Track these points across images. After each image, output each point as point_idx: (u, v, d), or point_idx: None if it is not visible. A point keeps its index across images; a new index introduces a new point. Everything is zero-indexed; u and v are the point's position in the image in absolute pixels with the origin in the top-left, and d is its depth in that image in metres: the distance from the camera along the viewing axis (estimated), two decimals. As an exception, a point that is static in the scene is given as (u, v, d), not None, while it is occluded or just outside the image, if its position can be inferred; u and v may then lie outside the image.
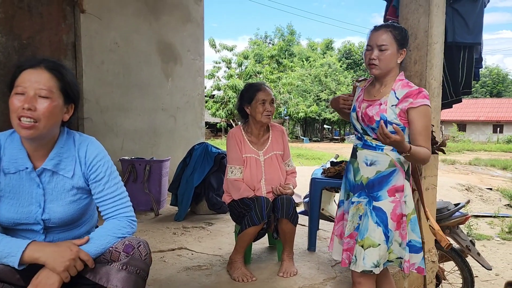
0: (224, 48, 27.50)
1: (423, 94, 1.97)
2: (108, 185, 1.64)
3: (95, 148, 1.65)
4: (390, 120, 1.99)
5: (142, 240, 1.58)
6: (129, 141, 4.74)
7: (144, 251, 1.54)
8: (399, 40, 2.01)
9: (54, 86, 1.49)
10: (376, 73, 2.05)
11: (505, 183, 10.90)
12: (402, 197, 2.05)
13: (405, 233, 2.05)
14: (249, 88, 2.85)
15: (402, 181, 2.06)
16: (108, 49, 4.52)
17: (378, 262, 2.00)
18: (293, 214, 2.60)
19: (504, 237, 5.96)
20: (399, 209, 2.04)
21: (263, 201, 2.53)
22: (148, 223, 3.96)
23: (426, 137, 1.99)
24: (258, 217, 2.49)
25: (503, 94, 44.39)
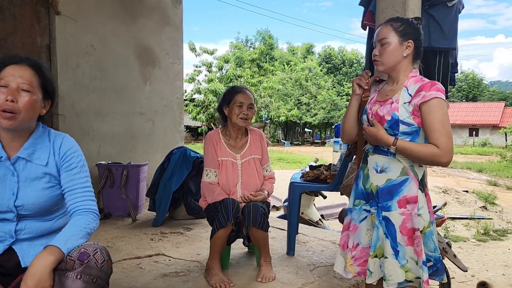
0: (205, 51, 27.39)
1: (436, 87, 1.79)
2: (79, 176, 1.69)
3: (69, 141, 1.73)
4: (403, 119, 1.83)
5: (100, 246, 1.53)
6: (106, 146, 4.65)
7: (100, 258, 1.49)
8: (400, 31, 1.87)
9: (35, 82, 1.59)
10: (381, 69, 1.93)
11: (481, 185, 11.15)
12: (414, 210, 1.84)
13: (421, 250, 1.82)
14: (230, 90, 2.85)
15: (415, 191, 1.85)
16: (84, 52, 4.43)
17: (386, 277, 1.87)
18: (261, 221, 2.54)
19: (479, 239, 6.07)
20: (410, 223, 1.84)
21: (229, 203, 2.51)
22: (125, 229, 3.89)
23: (440, 133, 1.76)
24: (224, 219, 2.47)
25: (479, 99, 45.48)
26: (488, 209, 8.10)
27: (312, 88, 35.03)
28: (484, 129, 35.41)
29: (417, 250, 1.83)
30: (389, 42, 1.87)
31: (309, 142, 38.12)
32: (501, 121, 34.10)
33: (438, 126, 1.77)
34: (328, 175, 3.13)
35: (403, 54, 1.88)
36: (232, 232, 2.57)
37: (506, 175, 13.79)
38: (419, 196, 1.85)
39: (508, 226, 6.84)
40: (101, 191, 4.28)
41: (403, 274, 1.84)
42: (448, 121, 1.80)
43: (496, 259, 5.15)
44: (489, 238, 6.10)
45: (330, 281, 2.68)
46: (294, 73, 36.02)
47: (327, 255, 3.19)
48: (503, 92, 50.47)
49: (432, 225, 1.90)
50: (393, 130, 1.85)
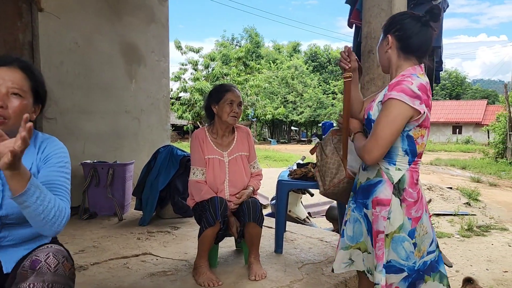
0: (190, 50, 27.24)
1: (399, 87, 1.72)
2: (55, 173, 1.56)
3: (54, 144, 1.65)
4: (374, 119, 1.83)
5: (53, 249, 1.46)
6: (91, 145, 4.59)
7: (53, 262, 1.41)
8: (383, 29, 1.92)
9: (26, 85, 1.53)
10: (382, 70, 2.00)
11: (464, 182, 11.31)
12: (381, 212, 1.80)
13: (382, 254, 1.78)
14: (218, 88, 2.83)
15: (387, 195, 1.80)
16: (67, 49, 4.36)
17: (370, 270, 1.90)
18: (260, 216, 2.60)
19: (463, 235, 6.15)
20: (376, 225, 1.81)
21: (217, 201, 2.51)
22: (112, 229, 3.84)
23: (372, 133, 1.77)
24: (212, 217, 2.47)
25: (462, 97, 46.24)
26: (471, 206, 8.21)
27: (298, 86, 35.17)
28: (467, 127, 36.01)
29: (378, 253, 1.79)
30: (379, 41, 1.93)
31: (296, 140, 38.29)
32: (483, 118, 34.72)
33: (375, 125, 1.78)
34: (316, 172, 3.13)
35: (385, 50, 1.88)
36: (220, 231, 2.56)
37: (488, 172, 14.03)
38: (392, 200, 1.79)
39: (491, 222, 6.96)
40: (87, 191, 4.22)
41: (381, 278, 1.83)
42: (387, 124, 1.72)
43: (480, 255, 5.22)
44: (473, 234, 6.19)
45: (318, 278, 2.69)
46: (281, 72, 36.12)
47: (315, 253, 3.20)
48: (485, 90, 51.43)
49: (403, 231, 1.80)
50: (369, 129, 1.88)
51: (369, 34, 2.97)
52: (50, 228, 1.44)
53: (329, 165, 2.26)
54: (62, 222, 1.47)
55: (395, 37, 1.84)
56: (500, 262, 4.90)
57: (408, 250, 1.81)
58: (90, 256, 3.05)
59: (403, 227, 1.80)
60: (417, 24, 1.83)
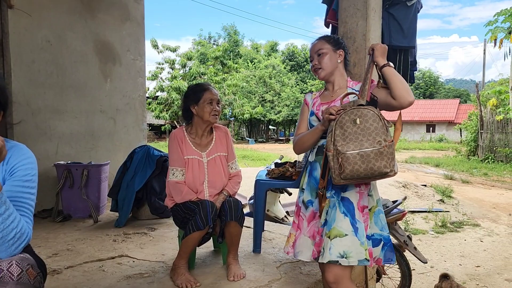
0: (167, 49, 26.98)
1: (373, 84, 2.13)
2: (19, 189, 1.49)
3: (20, 154, 1.54)
4: None
5: (17, 257, 1.40)
6: (64, 145, 4.48)
7: (16, 270, 1.36)
8: (332, 43, 2.21)
9: None
10: (322, 75, 2.20)
11: (438, 179, 11.55)
12: (366, 190, 2.07)
13: (366, 225, 2.03)
14: (195, 88, 2.79)
15: None
16: (39, 47, 4.25)
17: (346, 253, 1.92)
18: (241, 215, 2.60)
19: (437, 231, 6.28)
20: (362, 201, 2.05)
21: (208, 205, 2.48)
22: (87, 231, 3.76)
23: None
24: (202, 222, 2.44)
25: (435, 96, 47.33)
26: (445, 202, 8.39)
27: (276, 85, 35.28)
28: (441, 125, 36.88)
29: (365, 225, 2.03)
30: (325, 51, 2.17)
31: (274, 139, 38.41)
32: (456, 117, 35.60)
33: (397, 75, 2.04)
34: (294, 172, 3.14)
35: (338, 61, 2.20)
36: (206, 234, 2.55)
37: (461, 169, 14.39)
38: None
39: (464, 218, 7.12)
40: (60, 192, 4.12)
41: (364, 252, 1.94)
42: None
43: (453, 250, 5.34)
44: (446, 230, 6.32)
45: (296, 277, 2.69)
46: (258, 71, 36.14)
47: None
48: (457, 90, 52.81)
49: (379, 205, 2.11)
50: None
51: (345, 34, 2.99)
52: (6, 250, 1.38)
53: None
54: (20, 246, 1.41)
55: (344, 54, 2.23)
56: (473, 257, 5.03)
57: (383, 221, 2.12)
58: (64, 259, 2.98)
59: (379, 201, 2.12)
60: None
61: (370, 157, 1.84)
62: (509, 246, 5.54)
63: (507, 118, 16.42)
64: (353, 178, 1.89)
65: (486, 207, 8.24)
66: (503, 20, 18.21)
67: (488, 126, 16.85)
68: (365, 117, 1.88)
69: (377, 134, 1.85)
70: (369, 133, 1.86)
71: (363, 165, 1.84)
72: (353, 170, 1.86)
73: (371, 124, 1.86)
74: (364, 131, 1.87)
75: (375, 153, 1.83)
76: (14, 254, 1.40)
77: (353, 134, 1.88)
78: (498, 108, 17.44)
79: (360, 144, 1.86)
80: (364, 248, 1.95)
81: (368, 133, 1.86)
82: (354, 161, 1.85)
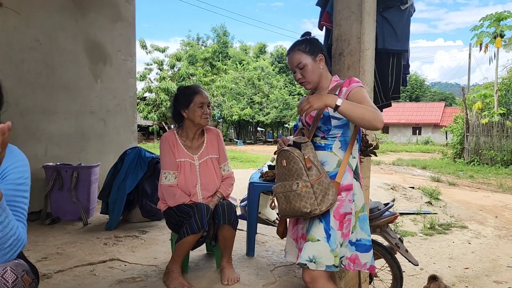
0: (156, 49, 26.82)
1: (353, 80, 2.05)
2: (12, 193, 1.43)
3: (14, 156, 1.49)
4: (333, 115, 2.02)
5: (12, 263, 1.37)
6: (53, 147, 4.41)
7: (11, 277, 1.33)
8: (309, 51, 2.12)
9: None
10: (310, 87, 2.17)
11: (425, 181, 11.67)
12: (348, 196, 2.02)
13: (348, 231, 2.01)
14: (185, 91, 2.75)
15: (349, 180, 2.04)
16: (28, 46, 4.18)
17: (315, 258, 1.93)
18: (234, 219, 2.58)
19: (426, 233, 6.34)
20: (343, 208, 2.00)
21: (203, 208, 2.46)
22: (76, 234, 3.70)
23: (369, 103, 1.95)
24: (198, 225, 2.41)
25: (421, 99, 47.88)
26: (433, 204, 8.47)
27: (265, 87, 35.32)
28: (426, 128, 37.33)
29: (344, 232, 2.00)
30: (306, 63, 2.10)
31: (262, 141, 38.44)
32: (441, 120, 36.10)
33: (365, 100, 1.95)
34: (287, 174, 3.13)
35: (320, 67, 2.13)
36: (201, 238, 2.52)
37: (447, 172, 14.56)
38: (353, 184, 2.04)
39: (452, 220, 7.20)
40: (49, 195, 4.05)
41: (333, 258, 1.95)
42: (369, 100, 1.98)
43: (442, 252, 5.39)
44: (435, 232, 6.38)
45: (291, 281, 2.69)
46: (247, 72, 36.14)
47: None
48: (443, 93, 53.56)
49: (365, 211, 2.09)
50: (326, 125, 2.04)
51: (339, 36, 2.99)
52: (1, 257, 1.34)
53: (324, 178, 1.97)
54: (16, 252, 1.37)
55: (323, 55, 2.15)
56: (461, 259, 5.08)
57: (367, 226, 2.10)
58: (53, 263, 2.92)
59: (364, 206, 2.09)
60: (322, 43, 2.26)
61: (290, 198, 1.91)
62: (496, 248, 5.62)
63: (492, 122, 16.70)
64: (284, 215, 1.99)
65: (473, 209, 8.35)
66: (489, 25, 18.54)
67: (474, 129, 17.10)
68: (288, 159, 1.93)
69: (298, 175, 1.91)
70: (291, 174, 1.93)
71: (288, 205, 1.93)
72: (282, 209, 1.97)
73: (293, 166, 1.92)
74: (289, 172, 1.94)
75: (293, 194, 1.90)
76: (8, 260, 1.36)
77: (282, 174, 1.98)
78: (483, 112, 17.73)
79: (284, 185, 1.94)
80: (334, 255, 1.96)
81: (291, 174, 1.93)
82: (281, 201, 1.96)
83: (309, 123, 2.12)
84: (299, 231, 2.14)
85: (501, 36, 18.03)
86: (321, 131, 2.07)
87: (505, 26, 18.12)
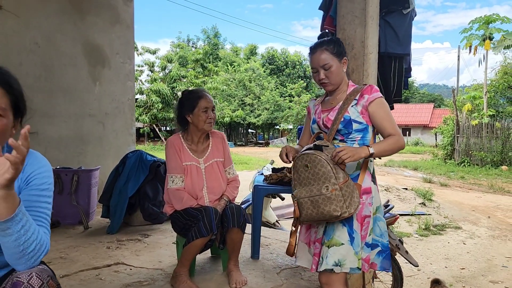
0: (147, 51, 26.70)
1: (375, 89, 2.10)
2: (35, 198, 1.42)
3: (36, 162, 1.48)
4: (354, 119, 2.06)
5: (35, 269, 1.35)
6: (53, 150, 4.38)
7: (37, 283, 1.31)
8: (336, 53, 2.11)
9: (6, 102, 1.35)
10: (330, 89, 2.15)
11: (417, 182, 11.79)
12: (368, 199, 2.06)
13: (366, 234, 2.05)
14: (189, 96, 2.75)
15: (368, 183, 2.08)
16: (27, 49, 4.15)
17: (340, 262, 1.96)
18: (243, 222, 2.58)
19: (421, 234, 6.41)
20: (364, 211, 2.05)
21: (212, 212, 2.46)
22: (78, 238, 3.67)
23: (391, 122, 2.06)
24: (206, 229, 2.41)
25: (410, 100, 48.27)
26: (426, 205, 8.56)
27: (256, 89, 35.32)
28: (416, 129, 37.68)
29: (363, 234, 2.04)
30: (332, 65, 2.09)
31: (253, 143, 38.42)
32: (430, 121, 36.47)
33: (387, 116, 2.07)
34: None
35: (343, 70, 2.16)
36: (209, 241, 2.52)
37: (439, 173, 14.73)
38: (372, 187, 2.08)
39: (446, 221, 7.28)
40: (49, 198, 4.01)
41: (356, 261, 1.98)
42: (391, 115, 2.11)
43: (438, 253, 5.46)
44: (430, 233, 6.45)
45: (298, 283, 2.70)
46: (238, 74, 36.12)
47: (292, 258, 3.21)
48: (432, 94, 54.07)
49: (379, 212, 2.11)
50: (347, 129, 2.07)
51: (343, 40, 3.01)
52: (26, 262, 1.33)
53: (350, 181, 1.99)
54: (39, 257, 1.36)
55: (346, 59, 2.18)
56: (457, 260, 5.15)
57: (383, 229, 2.13)
58: (58, 268, 2.90)
59: (379, 208, 2.12)
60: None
61: (319, 202, 1.89)
62: (491, 248, 5.70)
63: (481, 123, 16.93)
64: (310, 221, 1.97)
65: (466, 209, 8.46)
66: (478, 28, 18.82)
67: (464, 131, 17.32)
68: (313, 162, 1.91)
69: (325, 179, 1.88)
70: (318, 178, 1.90)
71: (315, 209, 1.91)
72: (307, 215, 1.93)
73: (319, 169, 1.89)
74: (315, 176, 1.91)
75: (322, 198, 1.88)
76: (32, 266, 1.35)
77: (306, 179, 1.94)
78: (473, 113, 17.96)
79: (310, 190, 1.91)
80: (358, 257, 1.99)
81: (317, 178, 1.90)
82: (307, 206, 1.92)
83: (327, 126, 2.12)
84: (312, 235, 2.15)
85: (490, 39, 18.32)
86: (341, 134, 2.09)
87: (494, 28, 18.42)
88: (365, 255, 2.06)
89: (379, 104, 2.07)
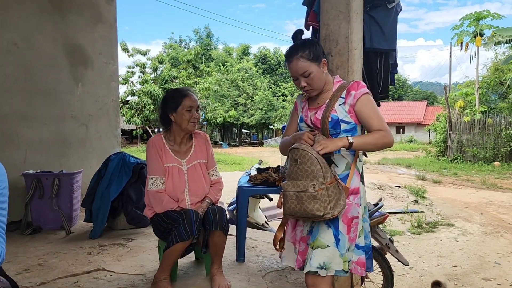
0: (138, 52, 26.55)
1: (362, 85, 2.02)
2: None
3: None
4: (342, 119, 1.99)
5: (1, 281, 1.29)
6: (33, 153, 4.26)
7: None
8: (313, 58, 2.00)
9: None
10: (315, 94, 2.07)
11: (411, 180, 11.78)
12: (355, 200, 2.00)
13: (355, 236, 1.99)
14: (174, 94, 2.67)
15: (357, 183, 2.02)
16: (5, 50, 4.03)
17: (326, 264, 1.90)
18: (226, 224, 2.51)
19: (414, 232, 6.36)
20: (351, 212, 1.98)
21: (192, 215, 2.38)
22: (59, 243, 3.57)
23: (378, 118, 1.98)
24: (187, 232, 2.33)
25: (403, 98, 48.47)
26: (419, 203, 8.53)
27: (249, 89, 35.26)
28: (409, 127, 37.80)
29: (351, 236, 1.98)
30: (311, 71, 1.99)
31: (247, 143, 38.36)
32: (424, 118, 36.60)
33: (374, 113, 1.99)
34: (277, 177, 3.06)
35: (324, 73, 2.05)
36: (191, 245, 2.43)
37: (432, 170, 14.74)
38: (360, 188, 2.03)
39: (438, 218, 7.24)
40: (29, 203, 3.90)
41: (342, 263, 1.92)
42: (378, 111, 2.02)
43: (431, 251, 5.40)
44: (422, 231, 6.40)
45: (283, 286, 2.63)
46: (230, 74, 36.03)
47: (278, 259, 3.13)
48: (425, 92, 54.33)
49: (365, 213, 2.06)
50: (335, 129, 1.99)
51: (327, 36, 2.95)
52: None
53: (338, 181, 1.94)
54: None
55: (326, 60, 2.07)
56: (449, 257, 5.09)
57: (367, 230, 2.07)
58: (35, 275, 2.80)
59: (365, 208, 2.06)
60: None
61: (303, 199, 1.82)
62: (483, 245, 5.66)
63: (474, 119, 16.96)
64: (292, 215, 1.91)
65: (459, 206, 8.43)
66: (468, 24, 18.86)
67: (457, 127, 17.35)
68: (304, 159, 1.85)
69: (314, 177, 1.82)
70: (306, 175, 1.84)
71: (298, 205, 1.84)
72: (290, 208, 1.87)
73: (309, 167, 1.83)
74: (303, 172, 1.85)
75: (308, 196, 1.81)
76: None
77: (294, 173, 1.89)
78: (465, 110, 18.01)
79: (297, 184, 1.85)
80: (344, 260, 1.93)
81: (306, 175, 1.84)
82: (291, 200, 1.87)
83: (316, 125, 2.05)
84: (298, 234, 2.08)
85: (480, 35, 18.37)
86: (329, 134, 2.02)
87: (485, 25, 18.48)
88: (356, 258, 2.00)
89: (365, 101, 1.99)
